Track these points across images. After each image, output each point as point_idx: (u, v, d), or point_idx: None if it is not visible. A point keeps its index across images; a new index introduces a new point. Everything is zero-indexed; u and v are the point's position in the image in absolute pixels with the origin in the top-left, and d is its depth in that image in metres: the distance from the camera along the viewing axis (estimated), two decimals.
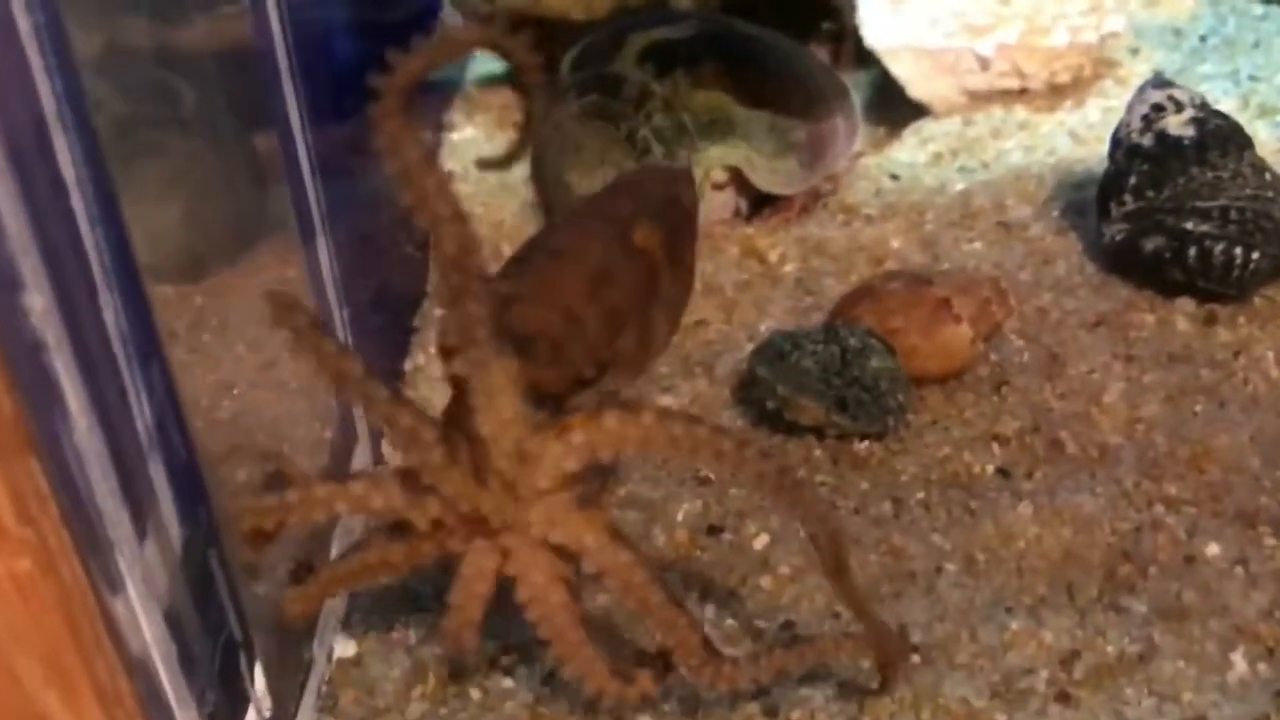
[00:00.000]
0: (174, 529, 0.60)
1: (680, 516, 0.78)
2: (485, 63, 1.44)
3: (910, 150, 1.22)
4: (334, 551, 0.76)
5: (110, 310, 0.55)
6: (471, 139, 1.26)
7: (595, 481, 0.63)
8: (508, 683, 0.69)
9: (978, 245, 1.04)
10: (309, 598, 0.65)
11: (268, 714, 0.65)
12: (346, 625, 0.73)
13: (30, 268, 0.48)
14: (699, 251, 0.86)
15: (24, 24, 0.49)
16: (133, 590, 0.55)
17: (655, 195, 0.72)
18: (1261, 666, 0.66)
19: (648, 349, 0.67)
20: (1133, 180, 0.95)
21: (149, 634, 0.56)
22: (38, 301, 0.49)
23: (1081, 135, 1.21)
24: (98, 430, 0.53)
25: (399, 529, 0.62)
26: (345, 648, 0.71)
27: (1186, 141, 0.94)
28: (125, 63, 0.70)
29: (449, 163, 1.21)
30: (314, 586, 0.65)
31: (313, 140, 0.81)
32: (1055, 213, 1.07)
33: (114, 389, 0.55)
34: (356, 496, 0.61)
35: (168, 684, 0.58)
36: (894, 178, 1.17)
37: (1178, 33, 1.40)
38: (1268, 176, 0.93)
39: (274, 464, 0.70)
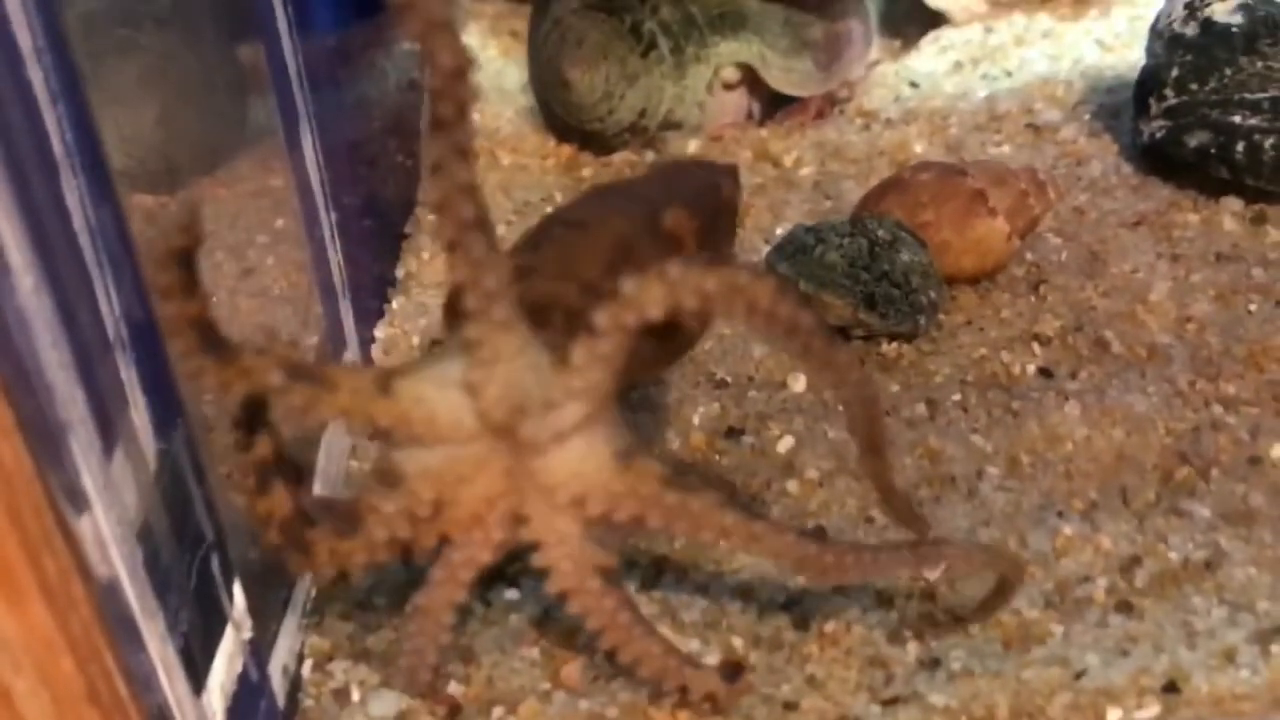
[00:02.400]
0: (147, 439, 0.53)
1: (696, 420, 0.72)
2: None
3: (929, 59, 1.16)
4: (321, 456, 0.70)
5: (76, 200, 0.49)
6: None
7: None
8: (510, 594, 0.63)
9: (1006, 148, 0.97)
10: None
11: (248, 634, 0.59)
12: None
13: None
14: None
15: None
16: (101, 517, 0.49)
17: (693, 184, 0.66)
18: None
19: (673, 341, 0.60)
20: (1174, 73, 0.89)
21: (113, 547, 0.50)
22: None
23: (1109, 43, 1.14)
24: (46, 295, 0.46)
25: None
26: None
27: (1234, 29, 0.87)
28: None
29: None
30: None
31: (301, 45, 0.75)
32: (1087, 116, 1.01)
33: (73, 265, 0.49)
34: None
35: (134, 600, 0.52)
36: (913, 85, 1.11)
37: None
38: None
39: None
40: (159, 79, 0.71)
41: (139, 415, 0.53)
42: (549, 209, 0.93)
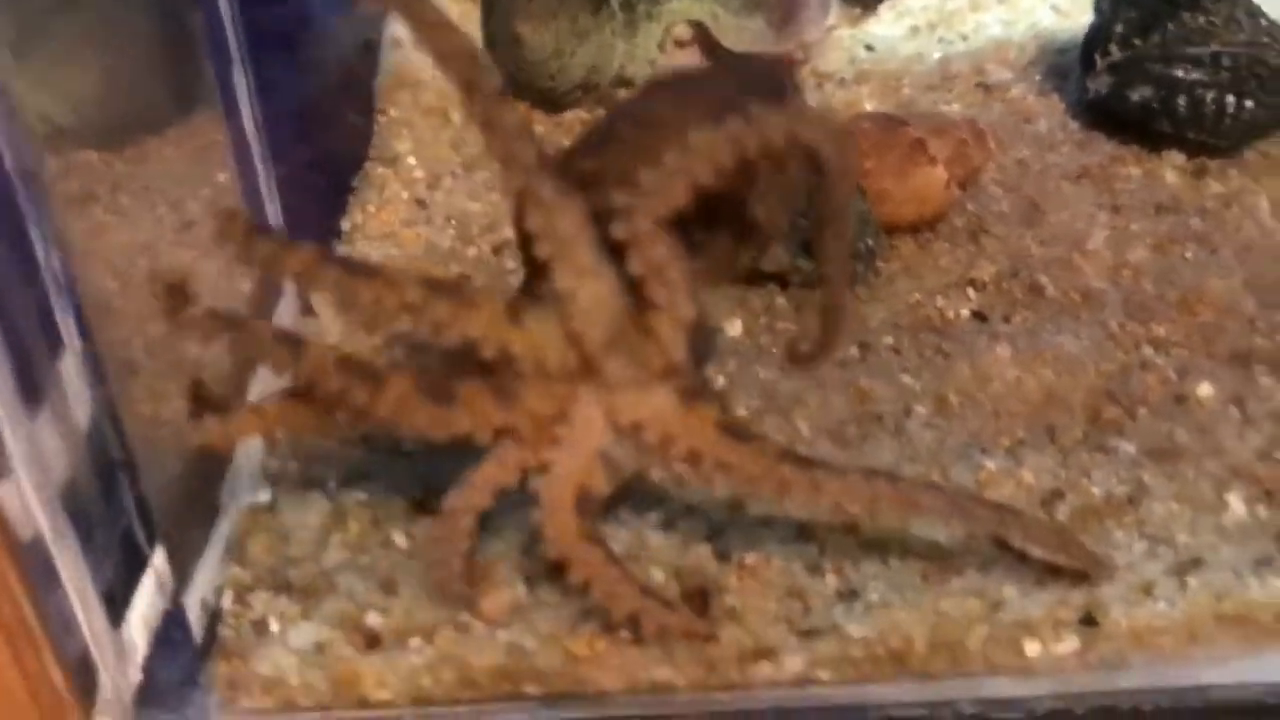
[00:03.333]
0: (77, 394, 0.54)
1: None
2: None
3: (887, 24, 1.16)
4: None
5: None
6: None
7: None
8: None
9: (955, 106, 0.97)
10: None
11: (166, 575, 0.59)
12: (265, 472, 0.66)
13: None
14: None
15: None
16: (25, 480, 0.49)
17: (756, 77, 0.66)
18: (1260, 509, 0.61)
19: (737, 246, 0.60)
20: (1119, 29, 0.89)
21: (37, 509, 0.50)
22: None
23: (1063, 8, 1.14)
24: None
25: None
26: (260, 494, 0.65)
27: None
28: None
29: (399, 30, 1.14)
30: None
31: (239, 14, 0.75)
32: (1037, 76, 1.01)
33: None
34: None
35: (54, 550, 0.52)
36: (869, 49, 1.11)
37: None
38: (1263, 22, 0.87)
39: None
40: (101, 37, 0.71)
41: (69, 371, 0.54)
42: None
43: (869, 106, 0.99)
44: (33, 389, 0.51)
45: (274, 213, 0.79)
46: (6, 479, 0.49)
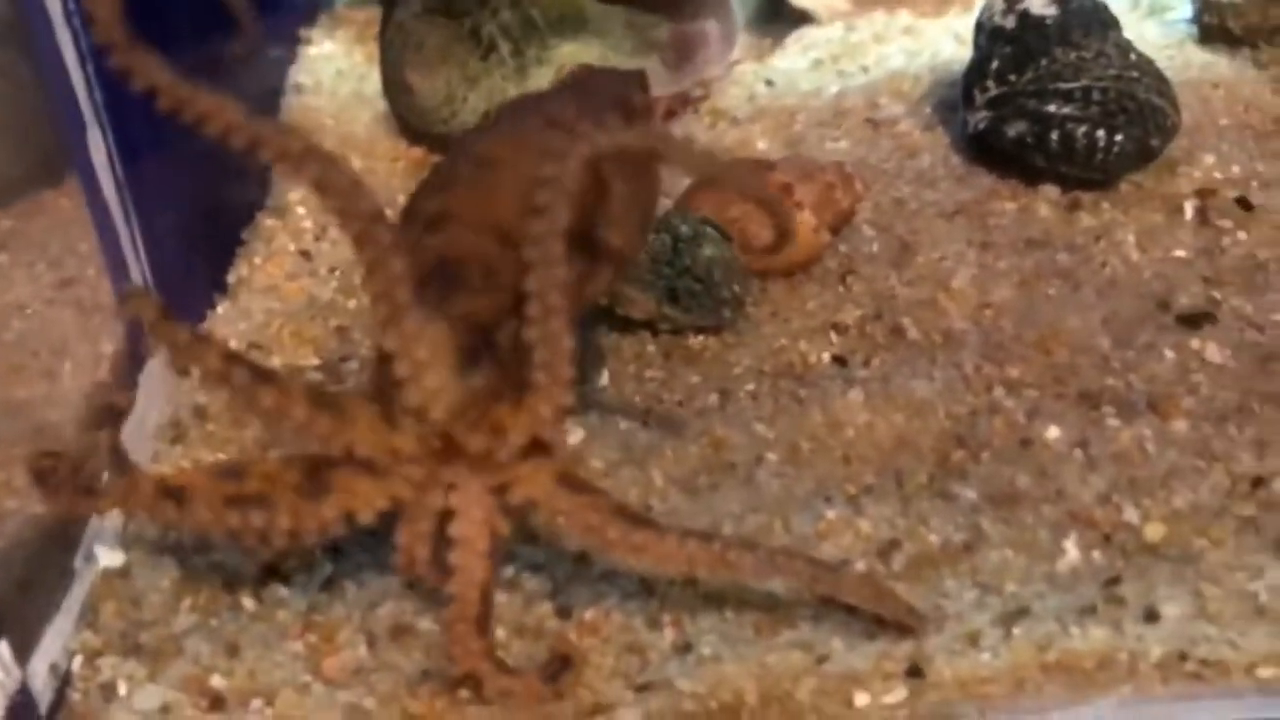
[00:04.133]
0: None
1: None
2: None
3: (791, 58, 1.17)
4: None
5: None
6: (329, 54, 1.20)
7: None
8: (282, 591, 0.63)
9: (844, 143, 0.98)
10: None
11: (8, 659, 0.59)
12: (120, 537, 0.67)
13: None
14: None
15: None
16: None
17: (604, 95, 0.67)
18: (1095, 554, 0.61)
19: (596, 271, 0.61)
20: (995, 65, 0.90)
21: None
22: None
23: (965, 37, 1.15)
24: None
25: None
26: (112, 558, 0.65)
27: (1049, 21, 0.89)
28: None
29: (301, 76, 1.15)
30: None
31: (96, 70, 0.74)
32: (927, 109, 1.02)
33: None
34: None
35: None
36: (769, 83, 1.12)
37: None
38: (1133, 56, 0.88)
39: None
40: None
41: None
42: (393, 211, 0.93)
43: (761, 145, 1.00)
44: None
45: (141, 273, 0.78)
46: None
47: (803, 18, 1.23)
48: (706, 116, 1.06)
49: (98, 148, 0.73)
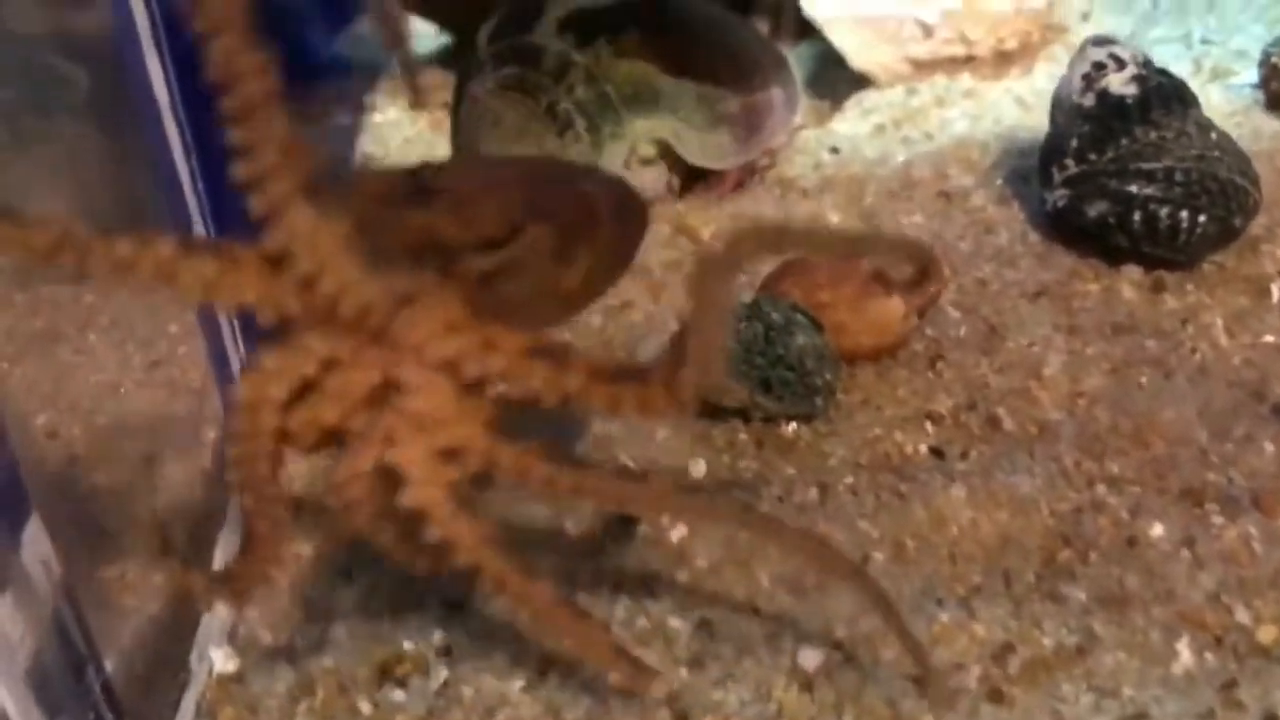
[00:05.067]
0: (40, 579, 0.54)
1: (589, 510, 0.73)
2: (418, 43, 1.39)
3: (852, 122, 1.18)
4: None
5: None
6: (395, 120, 1.21)
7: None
8: (399, 695, 0.64)
9: (918, 217, 0.99)
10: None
11: None
12: (232, 639, 0.67)
13: None
14: None
15: None
16: None
17: (607, 179, 0.67)
18: (1208, 656, 0.62)
19: (569, 272, 0.59)
20: (1074, 143, 0.90)
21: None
22: None
23: (1029, 103, 1.16)
24: None
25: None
26: (227, 663, 0.66)
27: (1129, 100, 0.89)
28: (16, 47, 0.66)
29: (371, 145, 1.16)
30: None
31: (191, 131, 0.75)
32: (999, 181, 1.02)
33: None
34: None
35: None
36: (834, 151, 1.12)
37: None
38: (1213, 136, 0.88)
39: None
40: (67, 169, 0.73)
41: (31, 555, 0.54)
42: None
43: (833, 218, 1.00)
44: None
45: (237, 356, 0.79)
46: None
47: (861, 80, 1.24)
48: (775, 187, 1.06)
49: (195, 213, 0.74)
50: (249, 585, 0.58)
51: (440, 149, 1.16)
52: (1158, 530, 0.68)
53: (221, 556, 0.70)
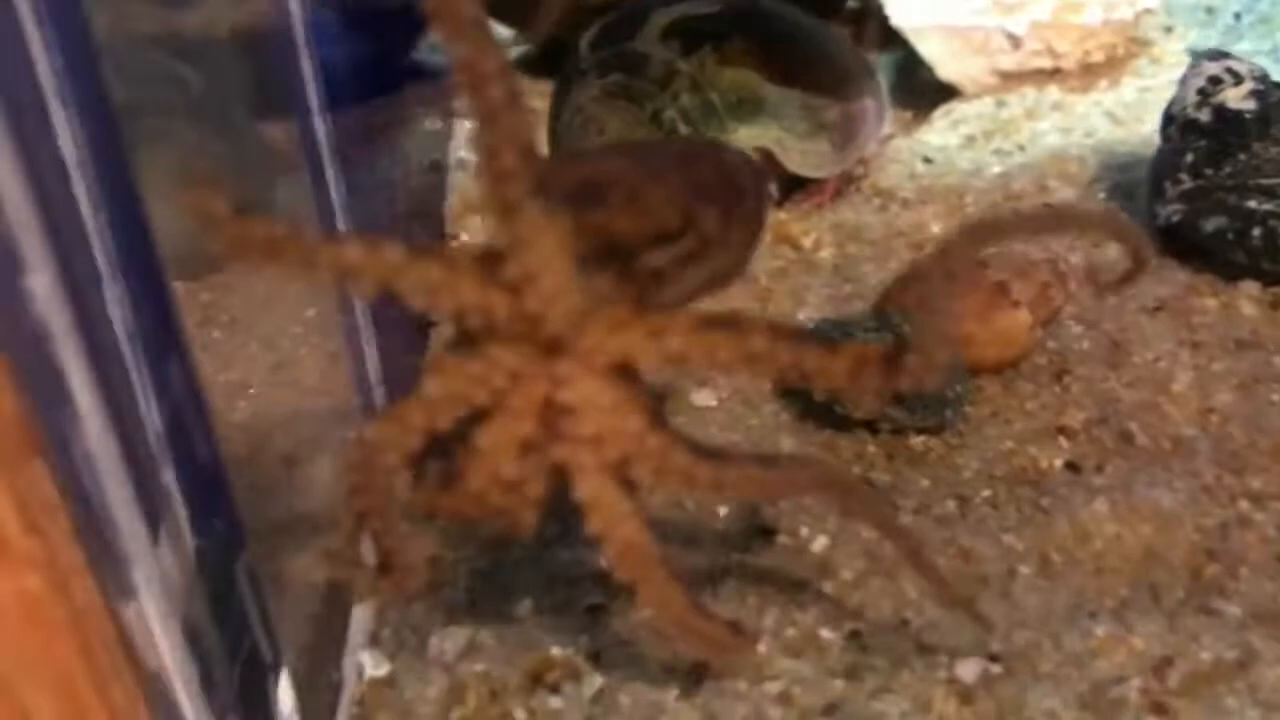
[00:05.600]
0: (188, 539, 0.54)
1: (726, 518, 0.73)
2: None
3: (941, 133, 1.18)
4: None
5: (118, 301, 0.50)
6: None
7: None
8: (555, 702, 0.63)
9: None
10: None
11: None
12: (377, 642, 0.67)
13: (33, 247, 0.43)
14: None
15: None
16: (147, 603, 0.50)
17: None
18: None
19: (725, 253, 0.59)
20: (1189, 158, 0.90)
21: (165, 650, 0.51)
22: (41, 283, 0.43)
23: (1119, 116, 1.16)
24: (110, 431, 0.47)
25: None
26: (377, 666, 0.66)
27: (1248, 115, 0.89)
28: (131, 48, 0.66)
29: (462, 151, 1.16)
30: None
31: (332, 129, 0.76)
32: (1101, 194, 1.02)
33: (125, 386, 0.50)
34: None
35: (186, 705, 0.53)
36: (927, 161, 1.12)
37: (1210, 10, 1.36)
38: None
39: None
40: (193, 169, 0.73)
41: (180, 512, 0.55)
42: None
43: (935, 229, 1.00)
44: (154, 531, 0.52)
45: (371, 351, 0.79)
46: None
47: (946, 90, 1.24)
48: (874, 197, 1.06)
49: (341, 220, 0.74)
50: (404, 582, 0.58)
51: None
52: None
53: (367, 561, 0.70)
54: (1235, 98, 0.90)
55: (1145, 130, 1.09)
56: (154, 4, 0.75)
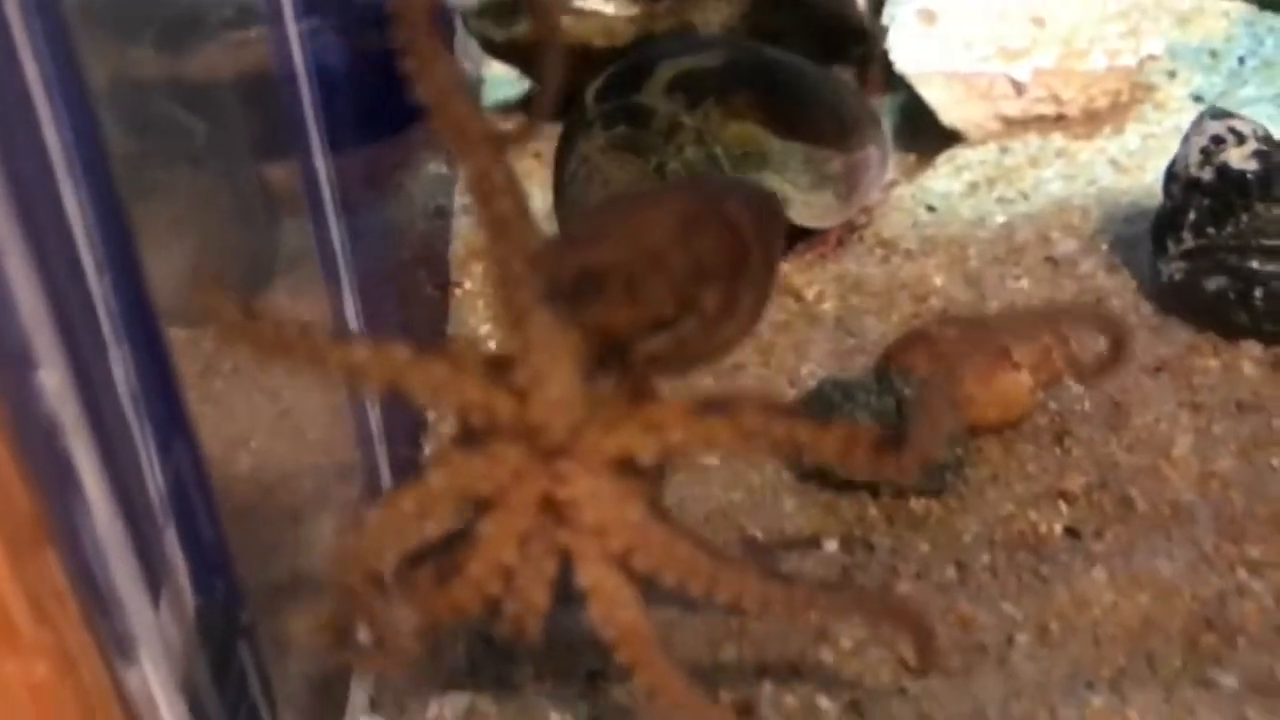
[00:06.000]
0: (189, 598, 0.55)
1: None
2: (499, 88, 1.40)
3: (945, 179, 1.18)
4: None
5: (121, 370, 0.50)
6: None
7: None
8: None
9: (1025, 283, 0.99)
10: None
11: None
12: (377, 707, 0.68)
13: (43, 341, 0.44)
14: None
15: (31, 72, 0.45)
16: (150, 671, 0.50)
17: (735, 185, 0.67)
18: None
19: (731, 319, 0.60)
20: (1191, 217, 0.91)
21: (167, 717, 0.52)
22: (52, 378, 0.44)
23: (1123, 163, 1.17)
24: (117, 512, 0.48)
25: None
26: None
27: (1250, 176, 0.89)
28: (134, 97, 0.66)
29: (467, 197, 1.16)
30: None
31: (334, 173, 0.77)
32: (1104, 247, 1.03)
33: (130, 455, 0.51)
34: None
35: None
36: (930, 209, 1.13)
37: (1214, 54, 1.36)
38: None
39: None
40: (195, 217, 0.73)
41: (180, 575, 0.55)
42: None
43: (938, 281, 1.01)
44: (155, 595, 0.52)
45: (374, 411, 0.80)
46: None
47: (949, 136, 1.24)
48: (877, 247, 1.07)
49: (338, 246, 0.75)
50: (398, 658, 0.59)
51: (536, 201, 1.16)
52: None
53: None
54: (1238, 158, 0.90)
55: (1148, 179, 1.09)
56: (160, 52, 0.76)
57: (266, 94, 0.74)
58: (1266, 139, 0.92)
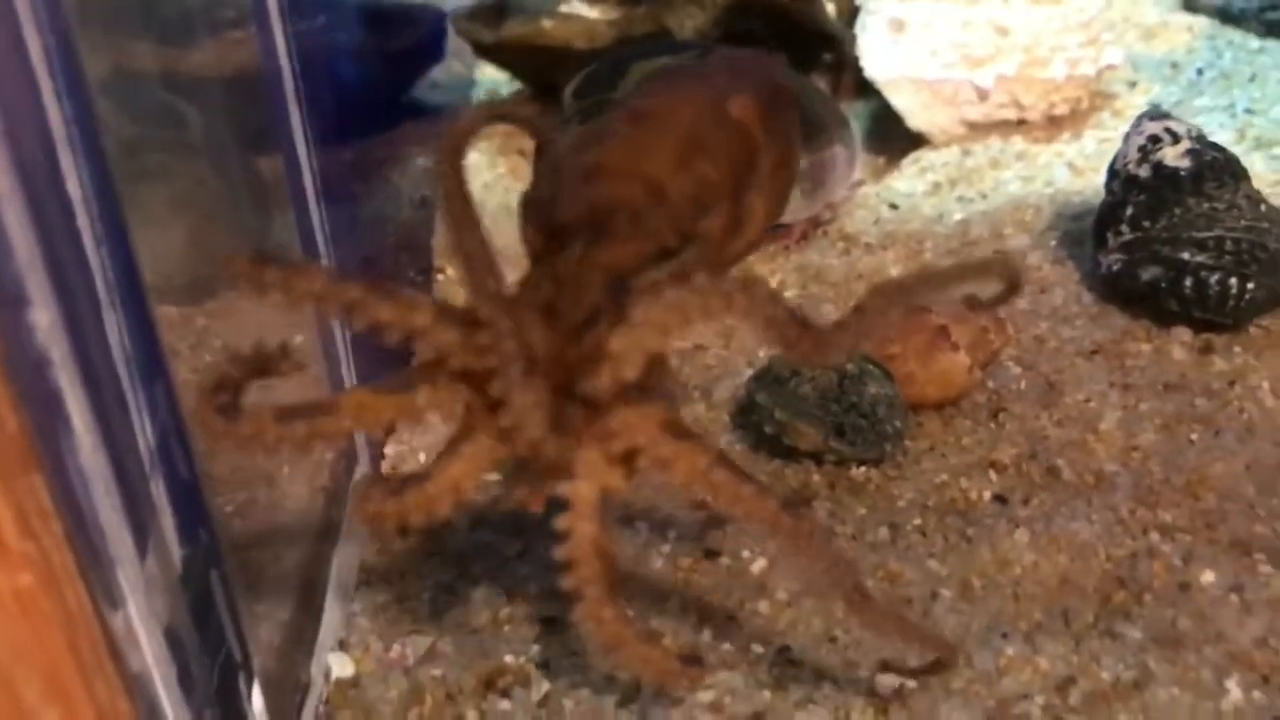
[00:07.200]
0: (174, 547, 0.60)
1: (676, 540, 0.78)
2: (489, 86, 1.46)
3: (909, 180, 1.23)
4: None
5: (114, 328, 0.56)
6: (474, 165, 1.27)
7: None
8: (504, 704, 0.69)
9: None
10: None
11: None
12: (344, 647, 0.73)
13: (36, 284, 0.49)
14: None
15: (35, 47, 0.50)
16: (133, 608, 0.55)
17: (751, 73, 0.70)
18: (1256, 694, 0.66)
19: (739, 233, 0.63)
20: (1129, 211, 0.96)
21: (148, 652, 0.56)
22: (43, 317, 0.49)
23: (1079, 166, 1.22)
24: (101, 448, 0.53)
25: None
26: (343, 668, 0.71)
27: (1183, 173, 0.95)
28: (132, 86, 0.71)
29: None
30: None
31: (317, 165, 0.82)
32: (1053, 242, 1.08)
33: (117, 406, 0.56)
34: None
35: (166, 703, 0.58)
36: (893, 207, 1.18)
37: (1175, 66, 1.42)
38: (1263, 208, 0.94)
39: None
40: (188, 201, 0.78)
41: (166, 523, 0.60)
42: None
43: (894, 272, 1.06)
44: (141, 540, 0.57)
45: (350, 379, 0.85)
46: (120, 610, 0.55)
47: (917, 139, 1.29)
48: (838, 241, 1.12)
49: (324, 253, 0.80)
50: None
51: (519, 191, 1.21)
52: (1208, 577, 0.73)
53: (337, 572, 0.76)
54: (1172, 156, 0.96)
55: (1100, 181, 1.14)
56: (157, 44, 0.81)
57: (254, 87, 0.79)
58: (1199, 139, 0.97)
